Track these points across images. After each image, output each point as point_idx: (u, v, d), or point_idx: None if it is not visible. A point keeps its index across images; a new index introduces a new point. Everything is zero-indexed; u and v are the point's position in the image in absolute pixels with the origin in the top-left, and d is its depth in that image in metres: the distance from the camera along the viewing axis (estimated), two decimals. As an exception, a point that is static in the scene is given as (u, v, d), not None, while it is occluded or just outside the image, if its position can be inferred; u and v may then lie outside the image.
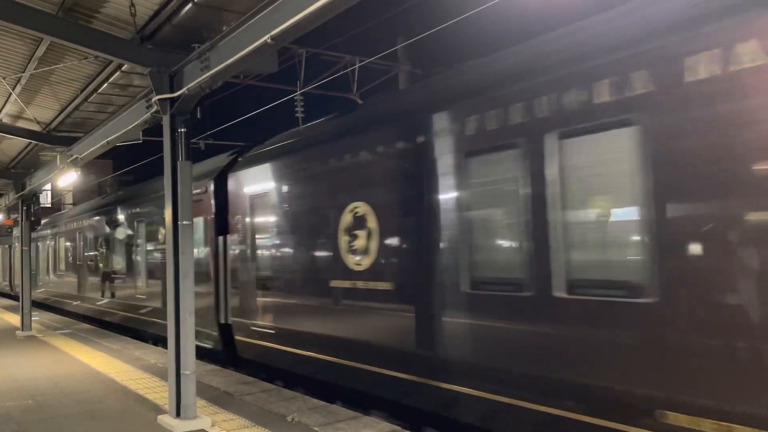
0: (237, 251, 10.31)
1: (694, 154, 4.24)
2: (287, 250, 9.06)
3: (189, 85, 6.56)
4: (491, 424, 5.69)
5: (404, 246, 6.91)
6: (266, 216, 9.56)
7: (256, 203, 9.80)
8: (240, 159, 10.83)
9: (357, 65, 16.41)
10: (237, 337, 10.26)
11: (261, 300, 9.63)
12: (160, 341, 12.77)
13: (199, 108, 6.94)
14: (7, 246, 35.08)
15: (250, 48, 5.49)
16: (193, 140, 6.98)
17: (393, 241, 7.04)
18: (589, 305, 4.85)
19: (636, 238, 4.64)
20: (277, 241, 9.28)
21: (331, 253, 7.97)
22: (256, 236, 9.88)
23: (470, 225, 6.02)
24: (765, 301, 3.88)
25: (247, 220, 10.03)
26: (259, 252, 9.79)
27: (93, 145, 10.59)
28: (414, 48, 16.25)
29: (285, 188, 9.09)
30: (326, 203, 8.13)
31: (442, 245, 6.32)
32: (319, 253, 8.33)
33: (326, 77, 15.84)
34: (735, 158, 4.02)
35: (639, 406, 4.47)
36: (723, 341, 4.06)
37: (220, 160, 11.65)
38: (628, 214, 4.72)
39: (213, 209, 10.92)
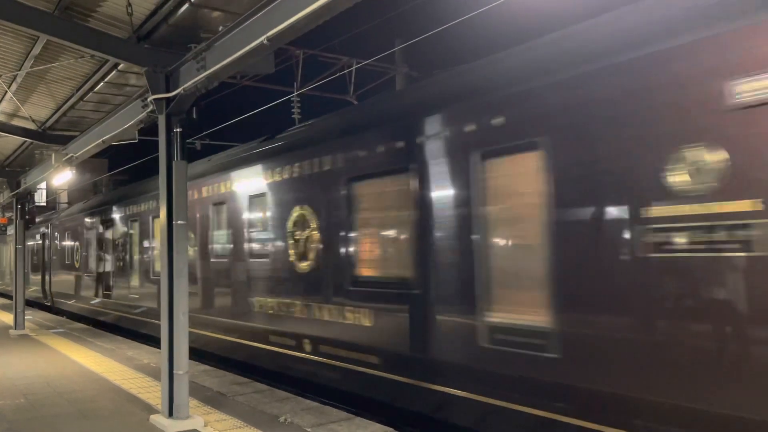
0: None
1: None
2: None
3: (185, 85, 6.56)
4: None
5: None
6: None
7: None
8: None
9: (354, 67, 16.43)
10: None
11: None
12: None
13: (195, 108, 6.94)
14: (36, 239, 25.14)
15: (247, 49, 5.50)
16: (188, 140, 6.98)
17: None
18: None
19: None
20: None
21: None
22: None
23: None
24: None
25: None
26: None
27: (88, 144, 10.58)
28: (411, 50, 16.29)
29: None
30: None
31: None
32: None
33: (323, 78, 15.87)
34: None
35: None
36: None
37: None
38: None
39: None
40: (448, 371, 6.16)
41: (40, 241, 24.52)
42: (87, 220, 18.21)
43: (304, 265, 8.38)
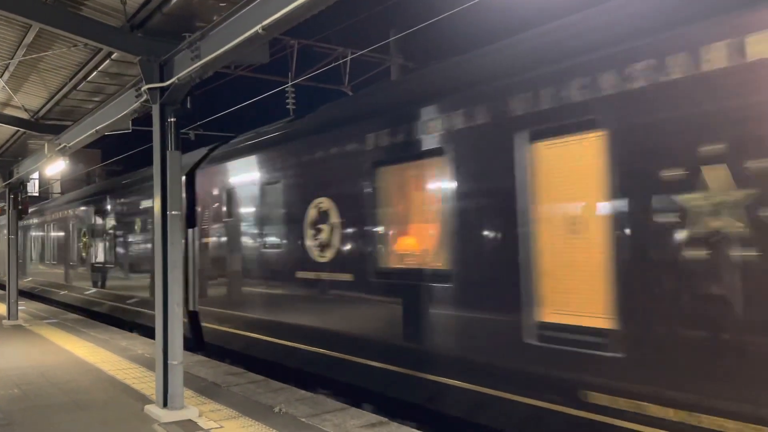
0: None
1: None
2: None
3: (179, 75, 6.52)
4: None
5: None
6: None
7: None
8: None
9: (349, 57, 16.38)
10: None
11: None
12: None
13: (189, 98, 6.91)
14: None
15: (241, 38, 5.47)
16: (183, 130, 6.96)
17: None
18: None
19: None
20: None
21: None
22: None
23: None
24: None
25: None
26: None
27: (82, 133, 10.52)
28: (406, 41, 16.24)
29: None
30: None
31: None
32: None
33: (318, 69, 15.81)
34: None
35: None
36: None
37: None
38: None
39: None
40: None
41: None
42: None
43: None
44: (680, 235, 4.46)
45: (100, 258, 17.12)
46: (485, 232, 6.02)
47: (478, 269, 6.07)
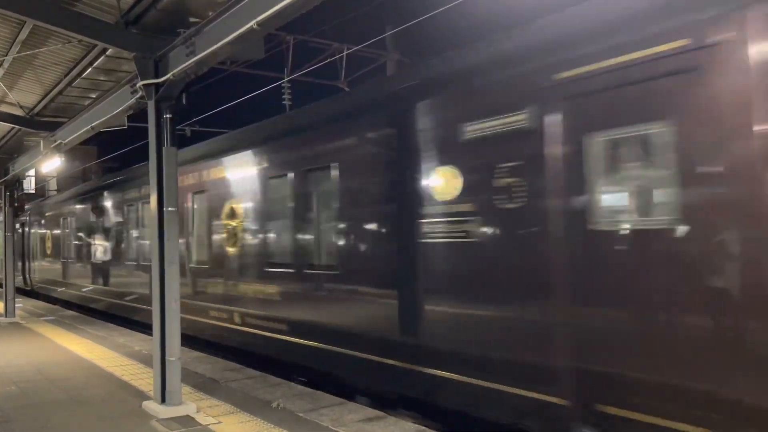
0: None
1: None
2: None
3: (174, 71, 6.51)
4: None
5: None
6: None
7: None
8: None
9: (345, 53, 16.35)
10: None
11: None
12: None
13: (185, 94, 6.89)
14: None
15: (236, 33, 5.46)
16: (178, 126, 6.94)
17: None
18: None
19: None
20: None
21: None
22: None
23: None
24: None
25: None
26: None
27: (77, 130, 10.49)
28: (402, 36, 16.21)
29: None
30: None
31: None
32: None
33: (314, 65, 15.78)
34: None
35: None
36: None
37: None
38: None
39: None
40: None
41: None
42: None
43: None
44: None
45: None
46: None
47: None
